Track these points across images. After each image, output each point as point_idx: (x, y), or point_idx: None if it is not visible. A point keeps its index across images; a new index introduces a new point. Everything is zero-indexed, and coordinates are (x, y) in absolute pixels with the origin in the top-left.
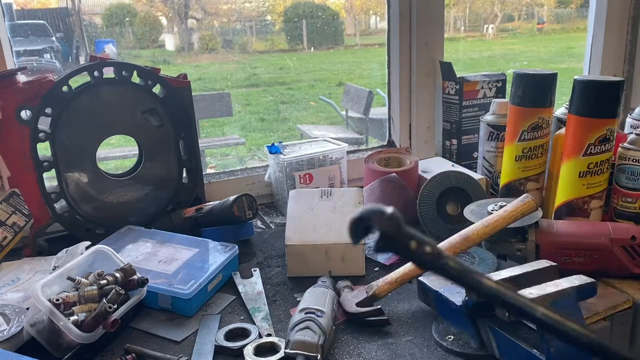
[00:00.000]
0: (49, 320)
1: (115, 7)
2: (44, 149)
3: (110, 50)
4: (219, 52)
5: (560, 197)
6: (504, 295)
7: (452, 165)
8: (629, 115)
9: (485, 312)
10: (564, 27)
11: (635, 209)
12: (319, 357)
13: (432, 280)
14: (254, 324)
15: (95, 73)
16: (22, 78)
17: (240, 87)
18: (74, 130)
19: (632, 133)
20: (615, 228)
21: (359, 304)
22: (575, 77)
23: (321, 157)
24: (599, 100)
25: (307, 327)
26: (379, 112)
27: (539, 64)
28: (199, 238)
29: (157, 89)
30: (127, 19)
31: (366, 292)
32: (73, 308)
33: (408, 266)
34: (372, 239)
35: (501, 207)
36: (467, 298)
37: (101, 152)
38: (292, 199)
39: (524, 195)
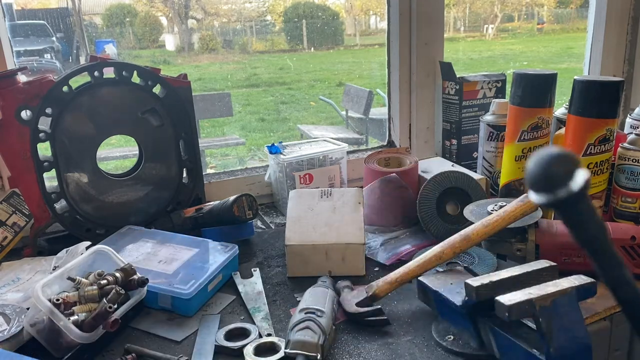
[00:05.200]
0: (49, 320)
1: (115, 7)
2: (44, 149)
3: (110, 50)
4: (219, 52)
5: None
6: None
7: (452, 165)
8: (628, 115)
9: (485, 312)
10: (563, 27)
11: (635, 209)
12: (318, 357)
13: (432, 280)
14: (254, 324)
15: (96, 73)
16: (22, 78)
17: (240, 87)
18: (74, 131)
19: (631, 133)
20: (615, 228)
21: (358, 304)
22: (575, 77)
23: (321, 157)
24: (598, 101)
25: (307, 327)
26: (379, 112)
27: (539, 64)
28: (199, 238)
29: (157, 89)
30: (128, 19)
31: (366, 292)
32: (73, 308)
33: (408, 266)
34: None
35: (501, 207)
36: (467, 298)
37: (101, 152)
38: (292, 199)
39: (523, 196)
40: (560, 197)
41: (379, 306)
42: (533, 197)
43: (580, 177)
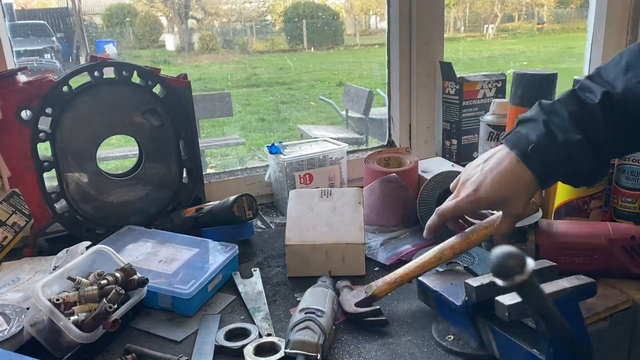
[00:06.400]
0: (49, 320)
1: (115, 7)
2: (44, 149)
3: (110, 50)
4: (219, 52)
5: (560, 197)
6: None
7: (452, 165)
8: None
9: (485, 312)
10: (564, 27)
11: (635, 209)
12: (318, 357)
13: (432, 280)
14: (254, 323)
15: (96, 73)
16: (22, 78)
17: (241, 87)
18: (74, 130)
19: None
20: (615, 228)
21: (358, 304)
22: (575, 77)
23: (321, 157)
24: None
25: (307, 327)
26: (379, 112)
27: (539, 64)
28: (199, 238)
29: (157, 89)
30: (128, 19)
31: (365, 292)
32: (73, 308)
33: (408, 266)
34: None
35: None
36: (467, 298)
37: (101, 152)
38: (292, 199)
39: None
40: (516, 282)
41: (378, 306)
42: (498, 282)
43: (529, 267)
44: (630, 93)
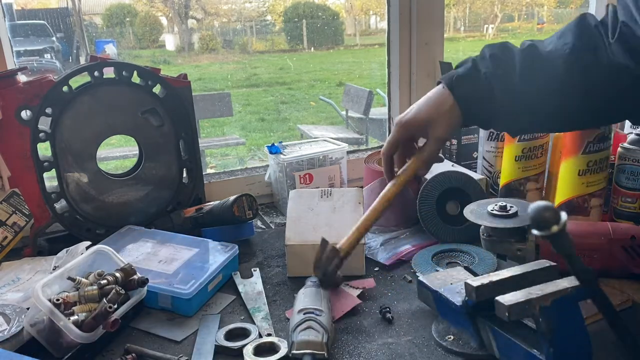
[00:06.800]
0: (49, 320)
1: (115, 7)
2: (44, 149)
3: (110, 50)
4: (219, 52)
5: (560, 195)
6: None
7: (452, 165)
8: None
9: (485, 312)
10: None
11: (635, 209)
12: (325, 355)
13: (432, 280)
14: (254, 323)
15: (96, 73)
16: (22, 78)
17: (241, 87)
18: (74, 130)
19: (632, 133)
20: (615, 228)
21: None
22: None
23: (321, 157)
24: None
25: (310, 327)
26: (379, 112)
27: None
28: (199, 238)
29: (157, 89)
30: (128, 19)
31: (339, 258)
32: (73, 308)
33: (365, 217)
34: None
35: (501, 207)
36: (467, 298)
37: (101, 152)
38: (292, 199)
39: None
40: (553, 232)
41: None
42: (535, 232)
43: (563, 218)
44: (555, 52)
